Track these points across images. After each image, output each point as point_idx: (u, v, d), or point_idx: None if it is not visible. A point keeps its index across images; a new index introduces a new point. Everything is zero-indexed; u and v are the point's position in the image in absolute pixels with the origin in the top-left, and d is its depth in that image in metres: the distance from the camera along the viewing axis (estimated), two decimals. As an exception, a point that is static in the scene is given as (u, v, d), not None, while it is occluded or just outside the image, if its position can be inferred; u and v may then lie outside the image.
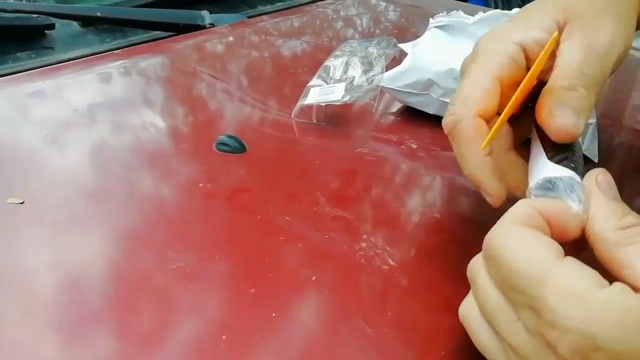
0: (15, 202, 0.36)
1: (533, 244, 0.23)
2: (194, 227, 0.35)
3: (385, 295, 0.31)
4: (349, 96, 0.47)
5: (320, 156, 0.44)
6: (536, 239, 0.23)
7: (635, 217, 0.24)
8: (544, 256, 0.22)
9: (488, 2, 2.13)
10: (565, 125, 0.28)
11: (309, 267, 0.32)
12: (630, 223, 0.23)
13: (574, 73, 0.29)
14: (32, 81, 0.53)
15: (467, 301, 0.26)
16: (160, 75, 0.57)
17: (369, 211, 0.38)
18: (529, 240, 0.23)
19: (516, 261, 0.22)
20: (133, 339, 0.27)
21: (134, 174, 0.41)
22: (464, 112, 0.30)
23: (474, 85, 0.30)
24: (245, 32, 0.70)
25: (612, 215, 0.24)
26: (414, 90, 0.49)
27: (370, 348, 0.28)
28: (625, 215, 0.24)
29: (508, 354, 0.23)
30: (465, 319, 0.26)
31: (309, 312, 0.30)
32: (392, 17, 0.82)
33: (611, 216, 0.24)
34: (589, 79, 0.29)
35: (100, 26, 0.67)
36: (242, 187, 0.39)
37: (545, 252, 0.22)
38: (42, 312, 0.28)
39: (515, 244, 0.23)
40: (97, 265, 0.32)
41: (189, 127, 0.48)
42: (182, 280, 0.31)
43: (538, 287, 0.21)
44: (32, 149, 0.42)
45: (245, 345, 0.27)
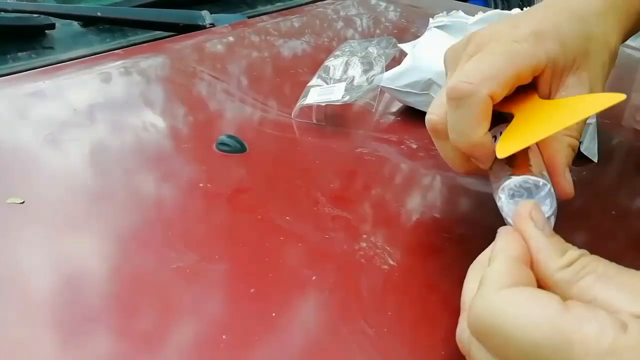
0: (15, 202, 0.36)
1: (535, 306, 0.21)
2: (194, 227, 0.35)
3: (385, 295, 0.31)
4: (349, 96, 0.47)
5: (320, 156, 0.44)
6: (535, 299, 0.21)
7: (574, 249, 0.23)
8: (554, 315, 0.20)
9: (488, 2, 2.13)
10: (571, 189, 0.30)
11: (309, 267, 0.32)
12: (573, 258, 0.23)
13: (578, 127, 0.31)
14: (33, 81, 0.53)
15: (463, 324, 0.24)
16: (161, 75, 0.57)
17: (369, 211, 0.38)
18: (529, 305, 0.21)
19: (526, 332, 0.20)
20: (133, 339, 0.27)
21: (134, 173, 0.41)
22: (480, 88, 0.28)
23: (490, 65, 0.29)
24: (245, 32, 0.70)
25: (555, 255, 0.23)
26: (414, 90, 0.49)
27: (370, 348, 0.28)
28: (565, 250, 0.23)
29: None
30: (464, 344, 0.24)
31: (309, 312, 0.30)
32: (392, 17, 0.82)
33: (554, 255, 0.23)
34: None
35: (100, 26, 0.67)
36: (242, 187, 0.39)
37: (553, 311, 0.20)
38: (42, 312, 0.28)
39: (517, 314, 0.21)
40: (97, 265, 0.32)
41: (189, 127, 0.48)
42: (182, 280, 0.31)
43: (565, 351, 0.19)
44: (32, 149, 0.42)
45: (245, 345, 0.27)
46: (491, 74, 0.29)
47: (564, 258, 0.23)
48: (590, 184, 0.32)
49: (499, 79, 0.29)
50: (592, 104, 0.27)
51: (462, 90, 0.28)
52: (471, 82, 0.28)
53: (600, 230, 0.38)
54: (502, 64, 0.29)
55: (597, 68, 0.32)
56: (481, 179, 0.31)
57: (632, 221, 0.40)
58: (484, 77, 0.29)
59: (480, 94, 0.28)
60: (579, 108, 0.28)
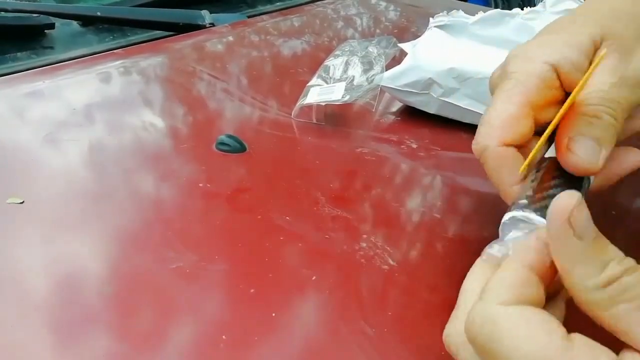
0: (15, 202, 0.36)
1: (538, 337, 0.19)
2: (194, 227, 0.35)
3: (385, 295, 0.31)
4: (349, 96, 0.47)
5: (320, 156, 0.44)
6: (540, 328, 0.20)
7: (618, 263, 0.20)
8: (554, 353, 0.19)
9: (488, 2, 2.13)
10: (583, 162, 0.26)
11: (309, 267, 0.32)
12: (614, 275, 0.20)
13: (602, 99, 0.27)
14: (32, 81, 0.53)
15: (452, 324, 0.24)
16: (160, 75, 0.57)
17: (369, 211, 0.38)
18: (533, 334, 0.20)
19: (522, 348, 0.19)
20: (133, 339, 0.27)
21: (133, 173, 0.41)
22: (487, 141, 0.28)
23: (499, 113, 0.28)
24: (245, 31, 0.70)
25: (593, 270, 0.20)
26: (414, 90, 0.49)
27: (370, 348, 0.28)
28: (606, 263, 0.20)
29: None
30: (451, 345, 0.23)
31: (309, 312, 0.30)
32: (392, 17, 0.82)
33: (591, 271, 0.20)
34: (617, 106, 0.27)
35: (100, 26, 0.67)
36: (242, 187, 0.39)
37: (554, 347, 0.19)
38: (41, 312, 0.28)
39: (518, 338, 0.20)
40: (97, 265, 0.32)
41: (188, 126, 0.48)
42: (181, 280, 0.31)
43: None
44: (31, 149, 0.42)
45: (245, 345, 0.27)
46: (492, 123, 0.28)
47: (603, 275, 0.20)
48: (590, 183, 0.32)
49: (499, 124, 0.28)
50: None
51: (476, 153, 0.29)
52: (478, 142, 0.28)
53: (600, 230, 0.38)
54: (503, 104, 0.28)
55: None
56: (481, 178, 0.31)
57: (632, 221, 0.40)
58: (487, 129, 0.28)
59: (491, 149, 0.28)
60: None
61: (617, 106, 0.27)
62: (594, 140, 0.26)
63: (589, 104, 0.27)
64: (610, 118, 0.27)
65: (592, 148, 0.26)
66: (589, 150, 0.26)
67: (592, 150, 0.26)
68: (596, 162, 0.26)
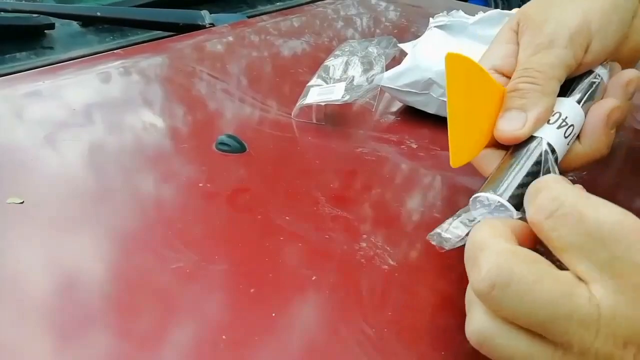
0: (15, 202, 0.36)
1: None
2: (194, 227, 0.35)
3: (385, 295, 0.31)
4: (349, 96, 0.47)
5: (320, 156, 0.44)
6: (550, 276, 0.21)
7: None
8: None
9: (488, 2, 2.13)
10: (507, 131, 0.29)
11: (309, 267, 0.32)
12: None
13: (518, 72, 0.30)
14: (32, 81, 0.53)
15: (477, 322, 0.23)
16: (160, 75, 0.57)
17: (369, 211, 0.38)
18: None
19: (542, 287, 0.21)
20: (133, 339, 0.27)
21: (133, 173, 0.41)
22: None
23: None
24: (245, 32, 0.70)
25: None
26: (414, 90, 0.49)
27: (370, 348, 0.28)
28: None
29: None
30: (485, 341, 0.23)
31: (309, 312, 0.30)
32: (392, 17, 0.82)
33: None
34: (533, 71, 0.29)
35: (100, 26, 0.67)
36: (242, 187, 0.39)
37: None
38: (41, 312, 0.28)
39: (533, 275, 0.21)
40: (97, 265, 0.32)
41: (188, 127, 0.48)
42: (182, 280, 0.31)
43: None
44: (31, 149, 0.42)
45: (245, 345, 0.27)
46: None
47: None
48: (591, 184, 0.32)
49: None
50: None
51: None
52: None
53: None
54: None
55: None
56: (481, 178, 0.31)
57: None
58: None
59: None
60: None
61: (533, 72, 0.29)
62: (516, 110, 0.29)
63: (510, 82, 0.30)
64: (527, 84, 0.29)
65: (515, 117, 0.29)
66: (512, 120, 0.29)
67: (516, 119, 0.29)
68: (520, 127, 0.29)
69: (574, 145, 0.30)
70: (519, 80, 0.29)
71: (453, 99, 0.29)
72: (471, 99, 0.30)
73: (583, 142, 0.30)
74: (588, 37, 0.30)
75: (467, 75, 0.29)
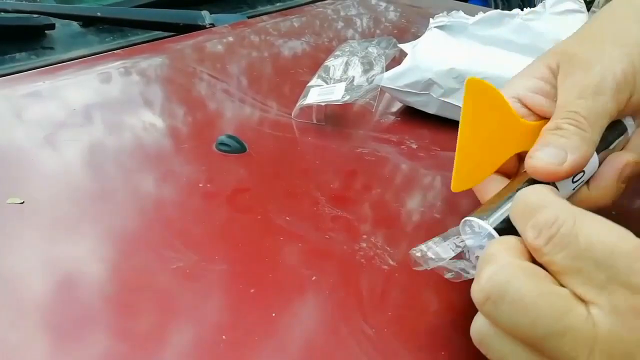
0: (16, 202, 0.36)
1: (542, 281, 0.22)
2: (194, 227, 0.35)
3: (385, 295, 0.31)
4: (349, 96, 0.47)
5: (320, 156, 0.44)
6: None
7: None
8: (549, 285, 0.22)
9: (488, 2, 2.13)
10: (545, 163, 0.27)
11: (309, 267, 0.32)
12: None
13: (562, 112, 0.28)
14: (32, 81, 0.53)
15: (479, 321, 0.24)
16: (160, 75, 0.57)
17: (369, 211, 0.38)
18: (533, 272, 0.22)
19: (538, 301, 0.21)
20: (133, 339, 0.27)
21: (133, 174, 0.41)
22: None
23: None
24: (245, 32, 0.70)
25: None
26: (414, 90, 0.49)
27: (370, 348, 0.28)
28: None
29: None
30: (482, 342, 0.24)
31: (309, 312, 0.30)
32: (392, 17, 0.82)
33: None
34: (579, 116, 0.28)
35: (100, 26, 0.67)
36: (242, 187, 0.39)
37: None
38: (41, 312, 0.28)
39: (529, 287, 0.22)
40: (97, 265, 0.32)
41: (189, 127, 0.48)
42: (182, 280, 0.31)
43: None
44: (32, 149, 0.42)
45: (245, 345, 0.27)
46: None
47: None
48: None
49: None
50: None
51: None
52: None
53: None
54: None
55: None
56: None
57: (632, 221, 0.40)
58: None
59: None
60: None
61: (578, 117, 0.28)
62: (557, 148, 0.27)
63: (552, 121, 0.29)
64: (572, 127, 0.28)
65: (555, 153, 0.27)
66: (552, 154, 0.27)
67: (556, 155, 0.27)
68: (560, 163, 0.27)
69: (581, 190, 0.30)
70: (564, 121, 0.28)
71: (467, 124, 0.29)
72: (486, 128, 0.29)
73: (592, 189, 0.30)
74: (632, 88, 0.29)
75: (487, 102, 0.28)
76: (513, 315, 0.21)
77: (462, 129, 0.29)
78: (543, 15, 0.54)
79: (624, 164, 0.29)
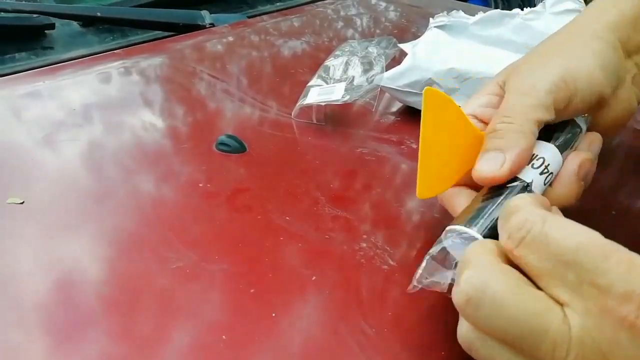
0: (15, 202, 0.36)
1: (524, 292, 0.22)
2: (194, 227, 0.35)
3: (385, 295, 0.31)
4: (349, 96, 0.47)
5: (320, 156, 0.44)
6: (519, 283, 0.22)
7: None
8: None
9: (488, 2, 2.13)
10: (485, 171, 0.28)
11: (309, 267, 0.32)
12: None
13: (496, 115, 0.30)
14: (32, 81, 0.53)
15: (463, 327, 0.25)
16: (160, 75, 0.57)
17: (369, 211, 0.38)
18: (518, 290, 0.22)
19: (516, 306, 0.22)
20: (133, 340, 0.27)
21: (133, 174, 0.41)
22: None
23: None
24: (245, 32, 0.70)
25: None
26: (414, 90, 0.49)
27: (370, 348, 0.28)
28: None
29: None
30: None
31: (309, 312, 0.30)
32: (392, 17, 0.82)
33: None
34: (512, 113, 0.29)
35: (100, 26, 0.67)
36: (242, 187, 0.39)
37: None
38: (41, 313, 0.28)
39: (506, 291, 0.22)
40: (97, 265, 0.32)
41: (189, 127, 0.48)
42: (182, 280, 0.31)
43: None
44: (32, 149, 0.42)
45: (245, 345, 0.27)
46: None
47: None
48: (590, 184, 0.32)
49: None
50: None
51: None
52: None
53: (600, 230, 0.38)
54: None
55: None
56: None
57: (632, 221, 0.40)
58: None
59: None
60: None
61: (512, 113, 0.29)
62: (494, 151, 0.28)
63: (489, 125, 0.30)
64: (504, 125, 0.29)
65: (493, 158, 0.28)
66: (490, 160, 0.28)
67: (494, 159, 0.28)
68: (498, 168, 0.28)
69: (547, 191, 0.30)
70: (497, 122, 0.30)
71: (427, 132, 0.29)
72: (445, 136, 0.29)
73: (555, 188, 0.30)
74: (572, 92, 0.30)
75: (444, 113, 0.29)
76: (491, 317, 0.22)
77: (423, 138, 0.29)
78: (543, 15, 0.54)
79: (579, 162, 0.30)
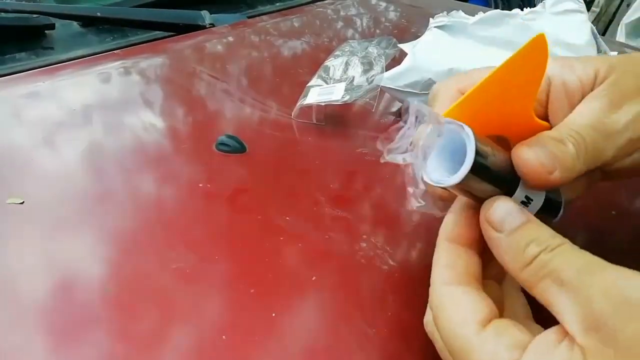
0: (16, 202, 0.36)
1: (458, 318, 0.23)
2: (194, 227, 0.35)
3: (385, 295, 0.31)
4: (349, 96, 0.47)
5: (320, 156, 0.44)
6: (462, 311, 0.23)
7: (537, 244, 0.22)
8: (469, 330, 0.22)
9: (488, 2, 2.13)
10: (530, 159, 0.24)
11: (309, 267, 0.32)
12: (531, 255, 0.22)
13: (572, 131, 0.26)
14: (32, 81, 0.53)
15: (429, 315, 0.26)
16: (160, 76, 0.57)
17: (369, 211, 0.38)
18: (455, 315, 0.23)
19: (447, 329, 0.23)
20: (133, 340, 0.27)
21: (133, 174, 0.41)
22: None
23: None
24: (245, 32, 0.70)
25: (517, 253, 0.23)
26: (414, 90, 0.49)
27: (370, 348, 0.28)
28: (528, 243, 0.22)
29: None
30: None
31: (309, 312, 0.30)
32: (392, 17, 0.82)
33: (516, 254, 0.23)
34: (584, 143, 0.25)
35: (100, 26, 0.67)
36: (242, 187, 0.39)
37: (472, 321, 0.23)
38: (41, 313, 0.28)
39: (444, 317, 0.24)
40: (97, 265, 0.32)
41: (189, 127, 0.48)
42: (182, 280, 0.31)
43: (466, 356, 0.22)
44: (32, 149, 0.42)
45: (245, 345, 0.27)
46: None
47: (524, 256, 0.22)
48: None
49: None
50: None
51: None
52: None
53: (600, 230, 0.38)
54: None
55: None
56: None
57: (632, 221, 0.40)
58: None
59: None
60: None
61: (583, 144, 0.25)
62: (551, 152, 0.24)
63: (558, 132, 0.26)
64: (573, 148, 0.25)
65: (548, 157, 0.24)
66: (544, 156, 0.24)
67: (547, 158, 0.24)
68: (548, 169, 0.24)
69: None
70: (569, 138, 0.25)
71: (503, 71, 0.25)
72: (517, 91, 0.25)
73: None
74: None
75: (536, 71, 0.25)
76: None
77: (497, 72, 0.25)
78: (543, 15, 0.54)
79: None
